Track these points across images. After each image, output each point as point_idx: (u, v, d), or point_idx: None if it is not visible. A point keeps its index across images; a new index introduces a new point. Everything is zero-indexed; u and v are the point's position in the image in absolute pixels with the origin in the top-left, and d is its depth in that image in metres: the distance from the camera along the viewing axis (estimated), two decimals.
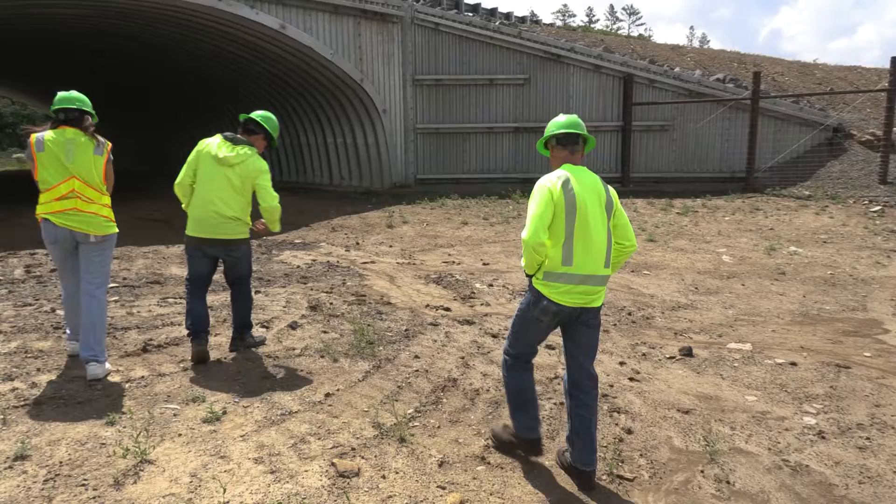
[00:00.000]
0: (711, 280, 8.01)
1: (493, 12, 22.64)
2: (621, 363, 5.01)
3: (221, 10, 14.25)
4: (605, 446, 3.59)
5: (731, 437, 3.79)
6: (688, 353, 5.25)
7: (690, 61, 20.50)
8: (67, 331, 4.80)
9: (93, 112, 4.53)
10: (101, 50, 19.85)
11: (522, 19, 24.85)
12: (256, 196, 4.82)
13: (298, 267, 8.51)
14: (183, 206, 4.89)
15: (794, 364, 5.02)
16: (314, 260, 9.04)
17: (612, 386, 4.52)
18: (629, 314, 6.45)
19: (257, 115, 4.93)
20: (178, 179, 4.78)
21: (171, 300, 6.57)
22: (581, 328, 3.30)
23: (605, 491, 3.19)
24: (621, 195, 15.95)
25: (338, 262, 8.87)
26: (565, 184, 3.16)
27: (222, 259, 4.89)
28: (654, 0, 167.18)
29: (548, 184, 3.18)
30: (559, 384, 4.50)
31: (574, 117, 3.37)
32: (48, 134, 4.36)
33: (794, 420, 4.03)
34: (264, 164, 4.83)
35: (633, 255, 9.42)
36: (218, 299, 6.48)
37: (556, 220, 3.14)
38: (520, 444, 3.45)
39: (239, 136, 4.85)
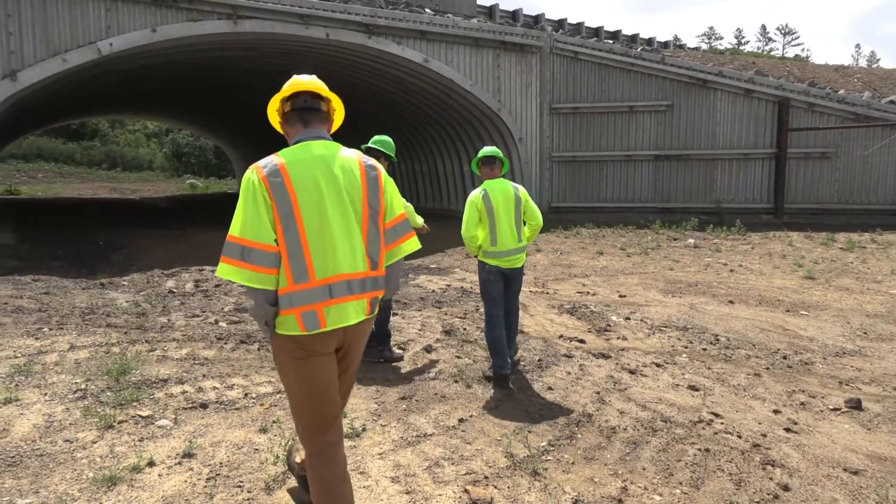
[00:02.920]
0: (884, 325, 7.15)
1: (633, 38, 22.18)
2: (775, 411, 4.59)
3: (371, 46, 15.23)
4: (759, 502, 3.29)
5: None
6: (856, 405, 4.70)
7: (857, 82, 18.72)
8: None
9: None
10: (265, 88, 21.89)
11: (665, 44, 24.10)
12: None
13: (433, 291, 8.72)
14: None
15: None
16: (448, 285, 9.23)
17: (764, 436, 4.15)
18: (784, 358, 5.92)
19: (373, 141, 5.62)
20: None
21: None
22: (511, 284, 5.17)
23: None
24: (774, 227, 14.79)
25: (471, 287, 8.98)
26: (484, 196, 5.00)
27: None
28: (811, 18, 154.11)
29: (473, 197, 5.03)
30: (704, 428, 4.21)
31: (494, 148, 5.20)
32: None
33: None
34: (387, 177, 5.47)
35: (787, 294, 8.67)
36: None
37: (482, 219, 4.98)
38: (494, 377, 4.87)
39: None
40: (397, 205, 2.73)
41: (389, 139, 5.74)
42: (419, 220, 5.74)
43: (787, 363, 5.77)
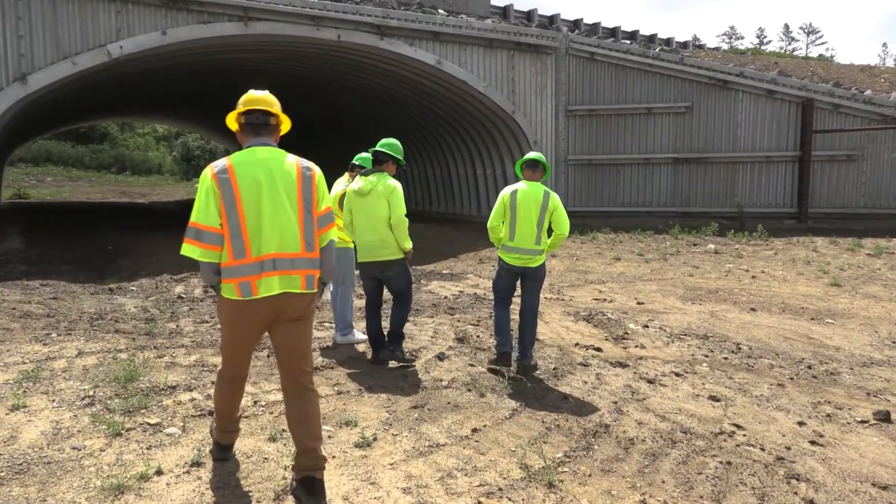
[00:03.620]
0: None
1: (651, 39, 21.95)
2: (800, 423, 4.44)
3: (383, 48, 15.16)
4: None
5: None
6: (885, 417, 4.53)
7: (885, 83, 18.35)
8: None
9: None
10: (275, 90, 21.89)
11: (684, 44, 23.84)
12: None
13: (446, 297, 8.63)
14: (351, 240, 5.76)
15: None
16: (461, 291, 9.13)
17: (788, 448, 4.00)
18: (809, 367, 5.74)
19: (380, 144, 5.54)
20: (342, 223, 5.58)
21: (326, 324, 6.94)
22: (527, 281, 5.33)
23: None
24: (797, 232, 14.50)
25: (485, 294, 8.88)
26: (513, 193, 5.24)
27: (381, 278, 5.48)
28: (835, 16, 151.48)
29: (503, 192, 5.32)
30: (725, 440, 4.07)
31: (538, 154, 5.43)
32: None
33: None
34: (395, 183, 5.44)
35: (811, 301, 8.46)
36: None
37: (505, 214, 5.25)
38: (497, 356, 5.16)
39: (371, 168, 5.54)
40: (327, 199, 3.33)
41: (397, 142, 5.66)
42: (408, 245, 5.44)
43: (812, 373, 5.59)
